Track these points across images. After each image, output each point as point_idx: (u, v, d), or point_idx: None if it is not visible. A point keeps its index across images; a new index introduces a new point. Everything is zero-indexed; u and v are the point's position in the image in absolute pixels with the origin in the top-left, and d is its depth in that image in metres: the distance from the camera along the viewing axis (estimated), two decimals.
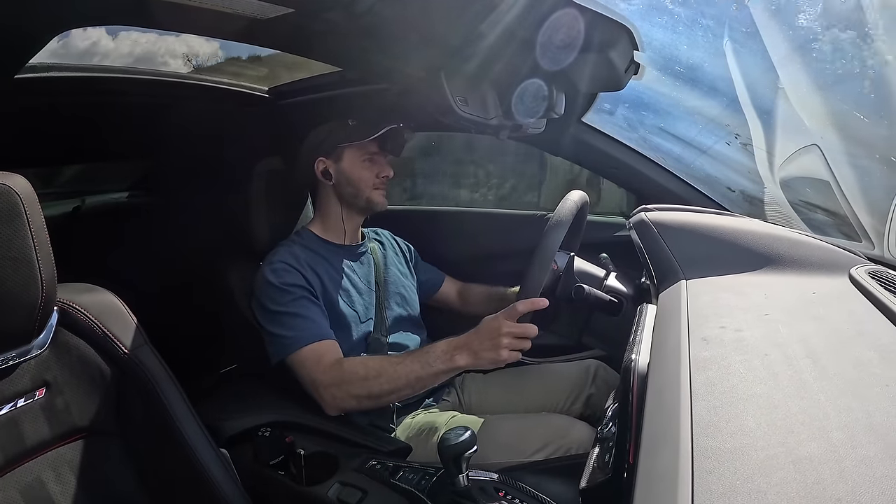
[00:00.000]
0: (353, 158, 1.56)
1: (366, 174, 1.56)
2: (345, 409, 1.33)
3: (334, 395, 1.31)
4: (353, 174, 1.56)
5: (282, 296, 1.40)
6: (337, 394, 1.31)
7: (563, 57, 1.17)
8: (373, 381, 1.30)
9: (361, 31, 1.11)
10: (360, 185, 1.57)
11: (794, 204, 1.65)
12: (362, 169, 1.56)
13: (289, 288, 1.40)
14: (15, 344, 0.88)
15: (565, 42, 1.11)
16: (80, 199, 2.36)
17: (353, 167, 1.56)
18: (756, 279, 0.97)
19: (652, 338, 0.84)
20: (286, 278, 1.42)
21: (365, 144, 1.54)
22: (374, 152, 1.56)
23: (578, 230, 1.51)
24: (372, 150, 1.56)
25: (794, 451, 0.48)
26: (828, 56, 1.37)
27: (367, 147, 1.55)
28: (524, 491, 1.03)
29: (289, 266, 1.43)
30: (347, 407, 1.33)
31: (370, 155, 1.56)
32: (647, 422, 0.62)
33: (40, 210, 0.86)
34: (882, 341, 0.67)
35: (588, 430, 1.36)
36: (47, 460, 0.92)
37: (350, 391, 1.30)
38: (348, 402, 1.32)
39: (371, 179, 1.57)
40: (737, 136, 1.75)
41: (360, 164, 1.56)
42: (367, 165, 1.57)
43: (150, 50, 2.02)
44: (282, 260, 1.45)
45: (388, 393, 1.30)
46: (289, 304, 1.39)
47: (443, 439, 0.91)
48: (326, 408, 1.33)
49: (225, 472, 1.04)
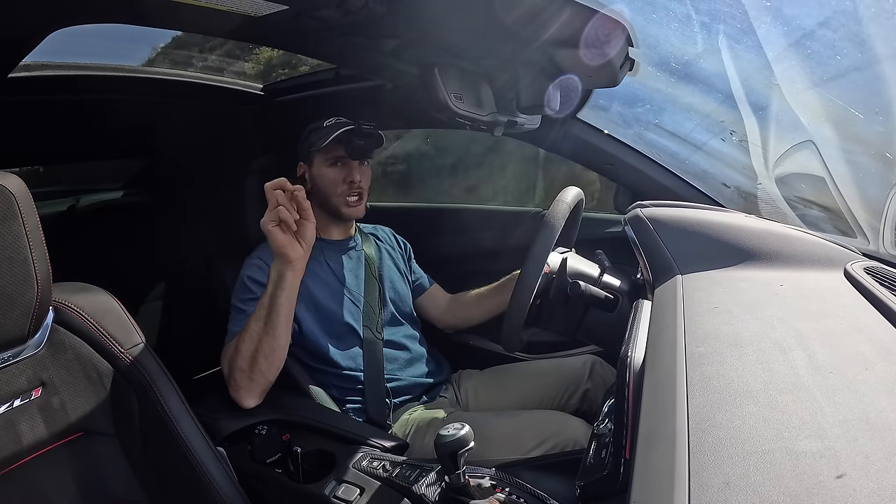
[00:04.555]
0: (320, 163, 1.55)
1: (333, 178, 1.55)
2: (244, 390, 1.27)
3: (232, 381, 1.27)
4: (321, 179, 1.55)
5: (243, 291, 1.41)
6: (231, 378, 1.27)
7: (558, 53, 1.17)
8: (241, 344, 1.26)
9: (355, 27, 1.11)
10: (328, 191, 1.55)
11: (789, 200, 1.65)
12: (329, 173, 1.54)
13: (251, 285, 1.41)
14: (11, 344, 0.88)
15: (560, 38, 1.11)
16: (74, 199, 2.35)
17: (321, 172, 1.55)
18: (751, 275, 0.97)
19: (648, 333, 0.84)
20: (255, 275, 1.42)
21: (330, 148, 1.52)
22: (339, 156, 1.54)
23: (574, 226, 1.51)
24: (337, 153, 1.53)
25: (790, 446, 0.48)
26: (823, 52, 1.37)
27: (332, 151, 1.53)
28: (521, 487, 1.03)
29: (264, 264, 1.43)
30: (244, 386, 1.27)
31: (335, 159, 1.54)
32: (644, 417, 0.62)
33: (35, 209, 0.86)
34: (878, 337, 0.67)
35: (584, 426, 1.36)
36: (44, 460, 0.92)
37: (235, 366, 1.26)
38: (241, 379, 1.26)
39: (339, 185, 1.55)
40: (732, 133, 1.75)
41: (326, 170, 1.54)
42: (336, 170, 1.54)
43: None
44: (260, 256, 1.46)
45: (254, 341, 1.25)
46: (244, 301, 1.40)
47: (439, 436, 0.91)
48: (236, 398, 1.28)
49: (222, 470, 1.04)
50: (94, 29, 1.08)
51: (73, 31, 1.04)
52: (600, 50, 1.13)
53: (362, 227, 1.77)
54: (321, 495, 1.10)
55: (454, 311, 1.84)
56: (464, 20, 1.07)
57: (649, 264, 1.12)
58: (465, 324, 1.82)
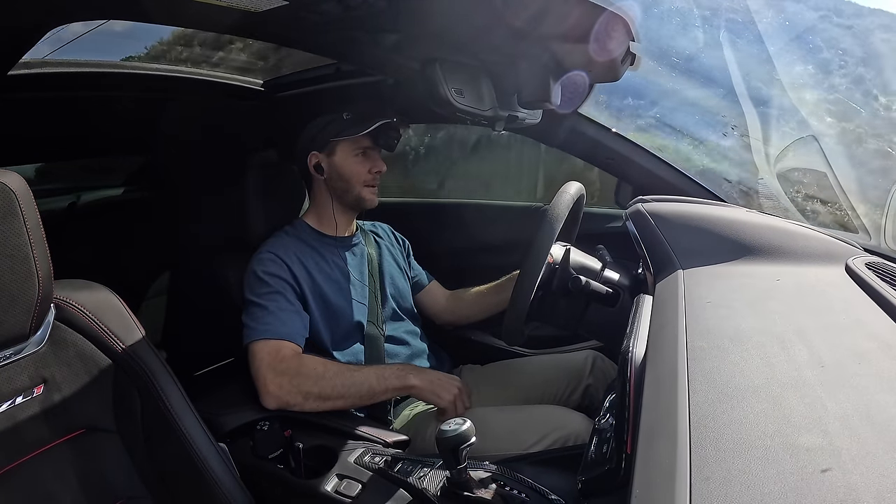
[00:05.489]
0: (345, 153, 1.55)
1: (358, 169, 1.56)
2: (286, 402, 1.29)
3: (281, 385, 1.28)
4: (345, 169, 1.55)
5: (259, 286, 1.41)
6: (285, 384, 1.28)
7: (560, 48, 1.16)
8: (327, 381, 1.30)
9: (356, 22, 1.11)
10: (352, 180, 1.56)
11: (790, 195, 1.65)
12: (355, 164, 1.55)
13: (267, 279, 1.41)
14: (12, 341, 0.88)
15: (561, 33, 1.11)
16: (75, 196, 2.35)
17: (346, 162, 1.55)
18: (752, 270, 0.97)
19: (649, 328, 0.84)
20: (269, 268, 1.42)
21: (358, 139, 1.53)
22: (366, 147, 1.55)
23: (575, 221, 1.51)
24: (365, 144, 1.55)
25: (792, 442, 0.48)
26: (825, 47, 1.37)
27: (359, 141, 1.54)
28: (522, 482, 1.03)
29: (275, 256, 1.44)
30: (290, 401, 1.28)
31: (362, 149, 1.55)
32: (645, 412, 0.62)
33: (36, 207, 0.86)
34: (879, 332, 0.67)
35: (586, 421, 1.36)
36: (46, 457, 0.92)
37: (301, 386, 1.29)
38: (293, 396, 1.28)
39: (363, 174, 1.56)
40: (734, 128, 1.75)
41: (352, 159, 1.55)
42: (360, 160, 1.56)
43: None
44: (269, 250, 1.46)
45: (337, 396, 1.30)
46: (263, 295, 1.39)
47: (441, 431, 0.90)
48: (266, 397, 1.28)
49: (224, 466, 1.04)
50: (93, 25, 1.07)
51: (73, 27, 1.04)
52: (601, 44, 1.13)
53: (362, 225, 1.77)
54: (323, 491, 1.10)
55: (453, 309, 1.84)
56: (464, 15, 1.06)
57: (650, 259, 1.12)
58: (464, 321, 1.82)
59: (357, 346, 1.52)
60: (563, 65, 1.25)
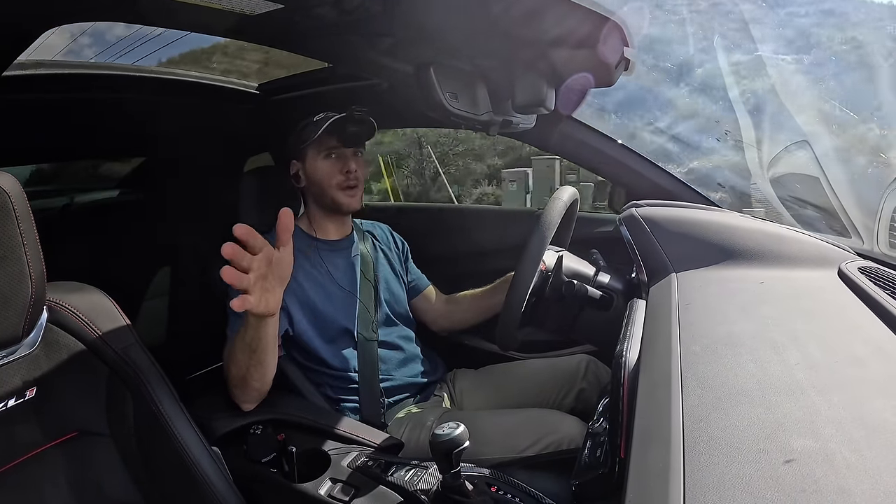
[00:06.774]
0: (314, 157, 1.55)
1: (327, 170, 1.54)
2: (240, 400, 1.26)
3: (230, 388, 1.26)
4: (316, 173, 1.55)
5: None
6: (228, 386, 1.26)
7: (554, 53, 1.17)
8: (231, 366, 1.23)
9: (351, 26, 1.11)
10: (323, 183, 1.55)
11: (783, 200, 1.66)
12: (324, 166, 1.54)
13: None
14: (5, 344, 0.87)
15: (556, 38, 1.11)
16: (69, 197, 2.34)
17: (315, 166, 1.55)
18: (746, 274, 0.98)
19: (642, 332, 0.84)
20: None
21: (321, 139, 1.51)
22: (332, 147, 1.53)
23: (569, 226, 1.51)
24: (330, 144, 1.53)
25: (785, 445, 0.48)
26: (818, 52, 1.38)
27: (324, 142, 1.52)
28: (516, 486, 1.03)
29: None
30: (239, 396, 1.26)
31: (328, 150, 1.54)
32: (639, 416, 0.62)
33: (29, 208, 0.85)
34: (872, 336, 0.68)
35: (579, 425, 1.36)
36: (38, 460, 0.92)
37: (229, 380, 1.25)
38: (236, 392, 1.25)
39: (334, 176, 1.54)
40: (727, 133, 1.76)
41: (321, 162, 1.54)
42: (330, 162, 1.54)
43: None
44: None
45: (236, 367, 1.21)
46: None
47: (434, 435, 0.90)
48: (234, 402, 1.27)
49: (217, 470, 1.03)
50: (87, 27, 1.07)
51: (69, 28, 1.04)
52: (596, 50, 1.13)
53: (360, 224, 1.76)
54: (316, 495, 1.10)
55: (448, 315, 1.83)
56: (460, 19, 1.07)
57: (644, 264, 1.13)
58: (459, 326, 1.82)
59: (349, 350, 1.51)
60: (557, 70, 1.25)
